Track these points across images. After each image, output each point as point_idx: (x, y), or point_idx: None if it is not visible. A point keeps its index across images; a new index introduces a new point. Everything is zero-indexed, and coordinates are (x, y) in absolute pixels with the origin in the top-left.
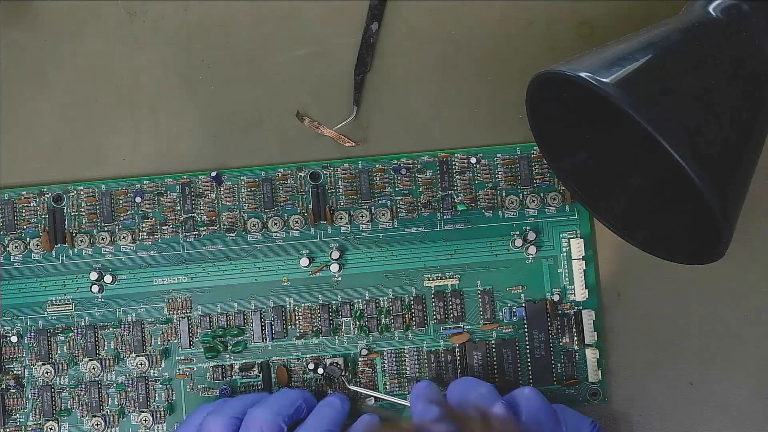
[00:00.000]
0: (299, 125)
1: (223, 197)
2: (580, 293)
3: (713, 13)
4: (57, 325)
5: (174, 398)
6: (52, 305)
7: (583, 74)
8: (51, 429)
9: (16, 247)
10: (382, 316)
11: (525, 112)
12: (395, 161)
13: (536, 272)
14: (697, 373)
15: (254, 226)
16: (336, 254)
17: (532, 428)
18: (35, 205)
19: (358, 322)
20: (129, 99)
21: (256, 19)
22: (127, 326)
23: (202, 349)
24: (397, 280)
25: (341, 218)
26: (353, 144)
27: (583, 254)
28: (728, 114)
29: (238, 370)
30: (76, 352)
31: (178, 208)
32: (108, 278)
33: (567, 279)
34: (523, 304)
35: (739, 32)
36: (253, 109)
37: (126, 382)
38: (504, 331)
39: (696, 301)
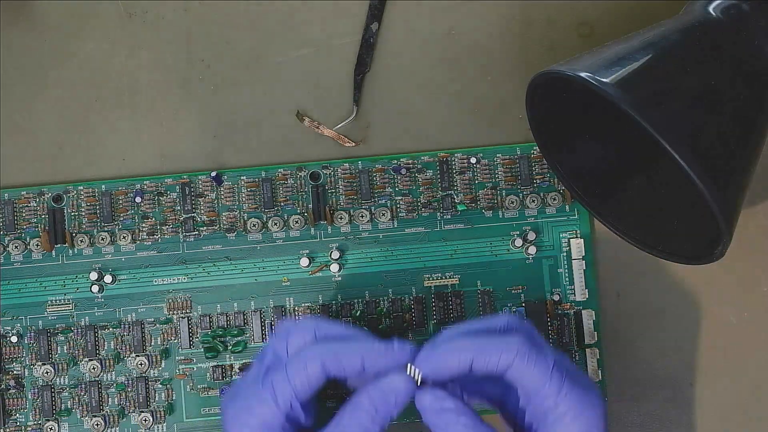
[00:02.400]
0: (299, 125)
1: (223, 197)
2: (580, 293)
3: (713, 13)
4: (57, 325)
5: (174, 398)
6: (52, 305)
7: (583, 74)
8: (51, 429)
9: (16, 247)
10: (382, 316)
11: (525, 112)
12: (395, 161)
13: (536, 272)
14: (697, 373)
15: (254, 226)
16: (336, 254)
17: None
18: (35, 205)
19: (358, 323)
20: (129, 99)
21: (256, 19)
22: (127, 326)
23: (202, 349)
24: (397, 280)
25: (341, 218)
26: (353, 144)
27: (583, 254)
28: (728, 114)
29: (238, 370)
30: (76, 352)
31: (178, 208)
32: (108, 278)
33: (567, 279)
34: (523, 304)
35: (739, 32)
36: (253, 109)
37: (126, 382)
38: None
39: (696, 301)
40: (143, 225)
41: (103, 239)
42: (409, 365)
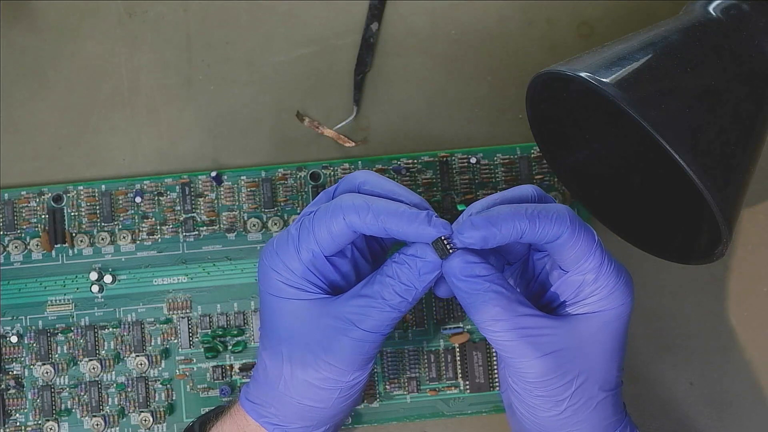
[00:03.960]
0: (299, 125)
1: (223, 197)
2: None
3: (713, 13)
4: (57, 325)
5: (174, 398)
6: (52, 305)
7: (583, 74)
8: (51, 429)
9: (16, 247)
10: None
11: (525, 112)
12: (395, 161)
13: None
14: (697, 373)
15: (254, 226)
16: None
17: None
18: (35, 205)
19: None
20: (129, 99)
21: (256, 19)
22: (127, 326)
23: (202, 349)
24: None
25: None
26: (353, 144)
27: None
28: (728, 114)
29: (238, 370)
30: (76, 352)
31: (178, 208)
32: (108, 278)
33: None
34: None
35: (739, 32)
36: (253, 109)
37: (126, 382)
38: None
39: (696, 301)
40: (143, 225)
41: (103, 239)
42: (445, 240)
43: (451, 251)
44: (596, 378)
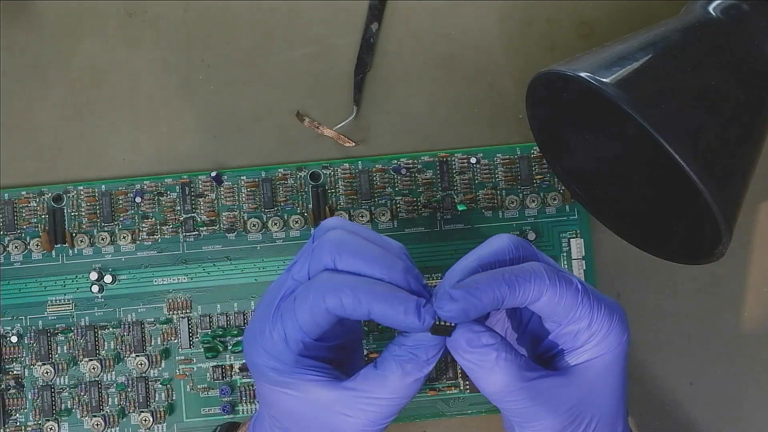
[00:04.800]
0: (299, 125)
1: (223, 197)
2: None
3: (713, 13)
4: (57, 325)
5: (174, 398)
6: (52, 305)
7: (583, 74)
8: (51, 429)
9: (16, 247)
10: None
11: (525, 112)
12: (395, 161)
13: None
14: (697, 373)
15: (254, 226)
16: None
17: None
18: (35, 205)
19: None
20: (129, 99)
21: (256, 19)
22: (127, 326)
23: (202, 349)
24: None
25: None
26: (353, 144)
27: (583, 254)
28: (728, 114)
29: (238, 370)
30: (76, 352)
31: (178, 208)
32: (108, 278)
33: None
34: None
35: (739, 32)
36: (253, 109)
37: (126, 382)
38: None
39: (696, 301)
40: (143, 225)
41: (103, 239)
42: (438, 321)
43: (453, 326)
44: (607, 417)
